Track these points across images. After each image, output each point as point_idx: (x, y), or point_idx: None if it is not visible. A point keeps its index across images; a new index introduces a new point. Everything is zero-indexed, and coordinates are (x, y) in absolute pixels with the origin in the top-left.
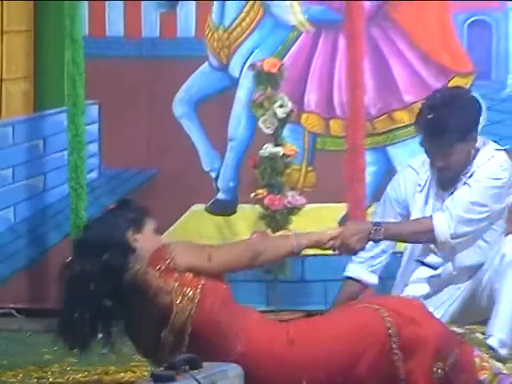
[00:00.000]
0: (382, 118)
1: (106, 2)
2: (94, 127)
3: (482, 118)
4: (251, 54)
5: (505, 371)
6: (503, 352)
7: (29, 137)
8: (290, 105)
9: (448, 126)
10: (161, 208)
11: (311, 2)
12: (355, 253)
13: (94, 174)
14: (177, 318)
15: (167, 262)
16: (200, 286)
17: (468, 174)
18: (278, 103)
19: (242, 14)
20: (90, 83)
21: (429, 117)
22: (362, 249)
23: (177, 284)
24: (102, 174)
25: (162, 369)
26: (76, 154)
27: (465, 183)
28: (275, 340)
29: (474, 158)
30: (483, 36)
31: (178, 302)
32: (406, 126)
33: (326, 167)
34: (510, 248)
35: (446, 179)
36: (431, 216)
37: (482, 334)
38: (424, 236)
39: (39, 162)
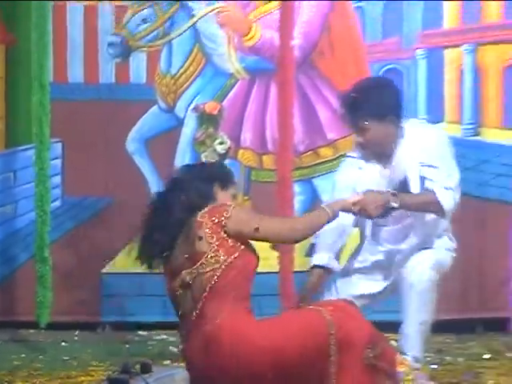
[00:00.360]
0: (308, 153)
1: (68, 51)
2: (58, 162)
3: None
4: (194, 97)
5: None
6: (417, 366)
7: (1, 170)
8: (228, 142)
9: (363, 104)
10: (115, 230)
11: (246, 53)
12: (372, 218)
13: (57, 203)
14: (200, 269)
15: (222, 219)
16: (233, 257)
17: (401, 149)
18: (218, 141)
19: (187, 63)
20: (54, 123)
21: (351, 95)
22: (379, 215)
23: (217, 243)
24: (64, 202)
25: (116, 373)
26: (42, 185)
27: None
28: (247, 323)
29: (401, 136)
30: (395, 82)
31: (209, 257)
32: (329, 161)
33: (259, 196)
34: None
35: (380, 158)
36: (433, 190)
37: (396, 341)
38: (432, 206)
39: (11, 191)
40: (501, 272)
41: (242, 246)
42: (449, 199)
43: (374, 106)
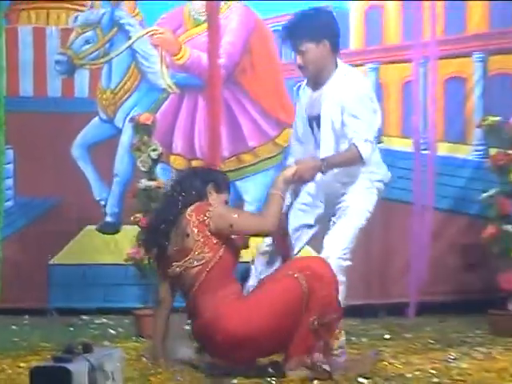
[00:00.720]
0: (232, 159)
1: (20, 68)
2: (10, 166)
3: (337, 37)
4: (131, 109)
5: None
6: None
7: None
8: (160, 149)
9: (300, 27)
10: (62, 227)
11: (177, 70)
12: (307, 183)
13: (10, 203)
14: (188, 264)
15: (205, 218)
16: (218, 255)
17: (332, 81)
18: (151, 147)
19: (125, 79)
20: (7, 132)
21: (291, 20)
22: (312, 180)
23: (202, 240)
24: (16, 202)
25: (61, 352)
26: None
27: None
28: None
29: (336, 66)
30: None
31: (196, 253)
32: (250, 165)
33: None
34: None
35: (315, 84)
36: (354, 144)
37: None
38: (355, 161)
39: None
40: (401, 263)
41: (226, 243)
42: (368, 150)
43: (309, 31)
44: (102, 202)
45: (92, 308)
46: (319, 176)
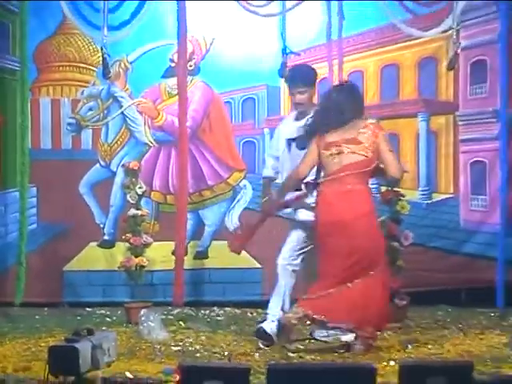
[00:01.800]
0: (195, 194)
1: (41, 128)
2: (34, 199)
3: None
4: (123, 158)
5: None
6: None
7: None
8: (144, 187)
9: (300, 75)
10: (72, 243)
11: (156, 130)
12: None
13: (34, 226)
14: None
15: None
16: None
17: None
18: (137, 186)
19: (118, 136)
20: (32, 175)
21: (293, 70)
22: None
23: None
24: (39, 225)
25: (71, 335)
26: (22, 214)
27: None
28: None
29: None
30: (250, 150)
31: None
32: (209, 199)
33: (165, 221)
34: None
35: (300, 115)
36: None
37: None
38: None
39: (2, 219)
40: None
41: None
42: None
43: (308, 78)
44: (102, 225)
45: (94, 302)
46: None
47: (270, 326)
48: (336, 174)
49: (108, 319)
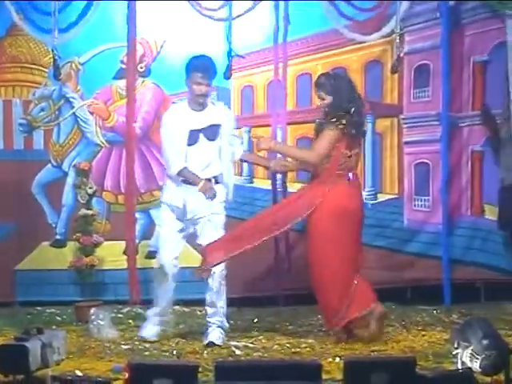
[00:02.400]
0: (147, 193)
1: None
2: None
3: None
4: (74, 158)
5: None
6: None
7: None
8: (95, 187)
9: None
10: (25, 242)
11: (107, 130)
12: None
13: None
14: None
15: None
16: None
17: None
18: (88, 186)
19: (69, 136)
20: None
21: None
22: None
23: None
24: None
25: (21, 334)
26: None
27: None
28: None
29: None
30: None
31: None
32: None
33: (116, 221)
34: None
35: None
36: None
37: None
38: None
39: None
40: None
41: None
42: None
43: (213, 71)
44: (54, 225)
45: (44, 301)
46: None
47: (216, 336)
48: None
49: (58, 318)
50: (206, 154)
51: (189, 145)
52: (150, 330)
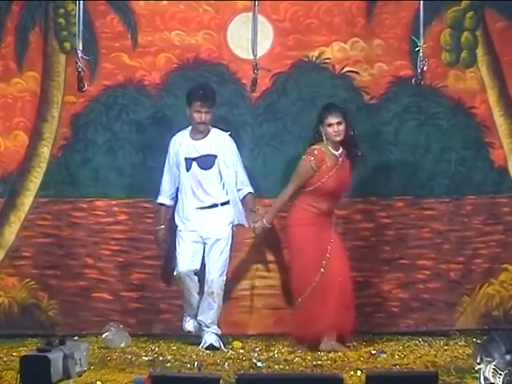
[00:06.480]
0: None
1: None
2: None
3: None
4: None
5: None
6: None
7: None
8: None
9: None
10: None
11: None
12: None
13: None
14: None
15: None
16: None
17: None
18: None
19: None
20: None
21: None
22: None
23: None
24: None
25: (43, 345)
26: None
27: None
28: None
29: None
30: None
31: None
32: None
33: None
34: None
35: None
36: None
37: None
38: None
39: None
40: None
41: None
42: None
43: (214, 99)
44: None
45: None
46: None
47: (214, 338)
48: None
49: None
50: (201, 181)
51: (187, 170)
52: (190, 324)
